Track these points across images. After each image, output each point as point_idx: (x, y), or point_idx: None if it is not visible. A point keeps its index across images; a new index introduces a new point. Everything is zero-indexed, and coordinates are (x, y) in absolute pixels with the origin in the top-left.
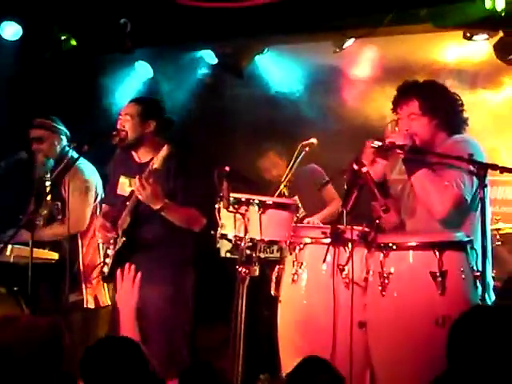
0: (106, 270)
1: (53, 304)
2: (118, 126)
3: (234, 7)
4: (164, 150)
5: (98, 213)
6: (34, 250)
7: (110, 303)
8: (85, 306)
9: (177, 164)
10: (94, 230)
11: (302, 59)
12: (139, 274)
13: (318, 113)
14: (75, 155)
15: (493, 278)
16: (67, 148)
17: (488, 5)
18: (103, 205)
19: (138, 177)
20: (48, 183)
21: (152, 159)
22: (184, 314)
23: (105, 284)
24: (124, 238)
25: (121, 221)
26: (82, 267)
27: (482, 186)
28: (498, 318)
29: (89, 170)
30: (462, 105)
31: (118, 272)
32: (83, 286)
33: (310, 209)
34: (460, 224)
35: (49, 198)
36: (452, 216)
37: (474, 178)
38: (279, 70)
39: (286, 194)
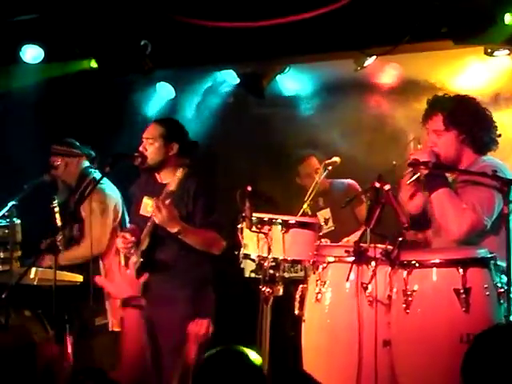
0: None
1: (77, 328)
2: (141, 149)
3: (255, 27)
4: (179, 172)
5: (118, 233)
6: (58, 272)
7: None
8: (110, 329)
9: (196, 185)
10: (117, 251)
11: (323, 74)
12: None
13: (338, 129)
14: (98, 176)
15: None
16: (89, 169)
17: (508, 20)
18: (130, 225)
19: (154, 199)
20: (56, 208)
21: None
22: None
23: None
24: (141, 259)
25: (140, 241)
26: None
27: (507, 202)
28: None
29: (109, 190)
30: (493, 121)
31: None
32: (107, 308)
33: (340, 223)
34: (476, 244)
35: (59, 222)
36: (468, 238)
37: (499, 196)
38: (300, 86)
39: (310, 213)
